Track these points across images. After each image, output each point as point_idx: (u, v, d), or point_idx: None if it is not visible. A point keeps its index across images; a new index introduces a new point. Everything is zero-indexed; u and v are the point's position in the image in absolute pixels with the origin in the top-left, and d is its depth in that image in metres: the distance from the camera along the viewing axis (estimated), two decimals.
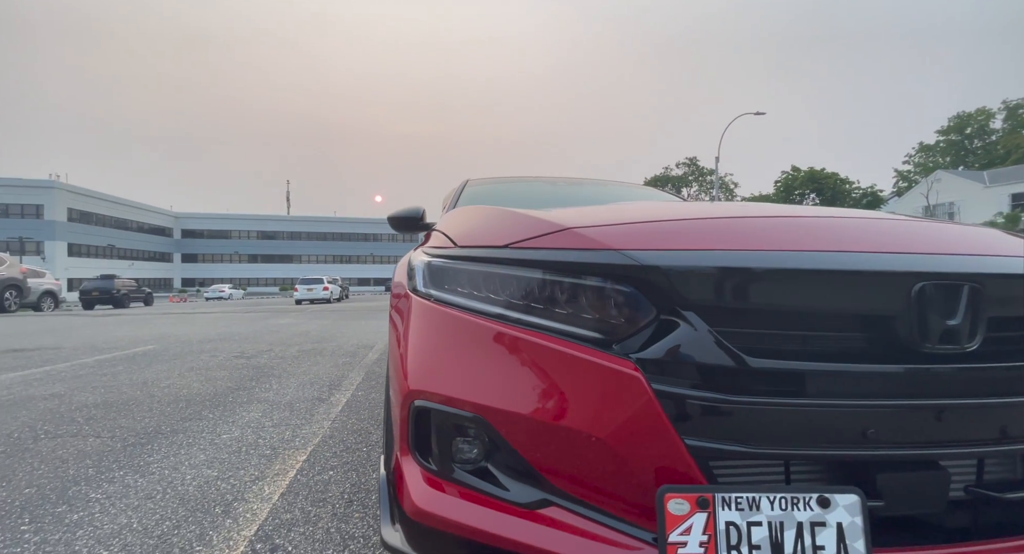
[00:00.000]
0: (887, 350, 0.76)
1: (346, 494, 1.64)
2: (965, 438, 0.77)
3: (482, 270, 0.97)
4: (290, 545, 1.32)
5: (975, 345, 0.76)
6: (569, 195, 2.50)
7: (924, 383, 0.76)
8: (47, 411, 2.69)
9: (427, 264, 1.09)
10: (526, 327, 0.87)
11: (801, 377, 0.75)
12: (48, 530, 1.41)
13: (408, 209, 2.31)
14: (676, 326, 0.78)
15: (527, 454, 0.82)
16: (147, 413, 2.65)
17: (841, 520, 0.70)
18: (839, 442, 0.75)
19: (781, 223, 0.95)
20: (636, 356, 0.78)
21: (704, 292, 0.78)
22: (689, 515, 0.70)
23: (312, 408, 2.78)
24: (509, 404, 0.82)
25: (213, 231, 68.38)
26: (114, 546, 1.32)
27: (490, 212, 1.21)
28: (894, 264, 0.77)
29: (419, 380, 0.92)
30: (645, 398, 0.75)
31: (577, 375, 0.80)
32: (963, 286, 0.76)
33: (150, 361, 4.43)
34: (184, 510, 1.53)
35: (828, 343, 0.78)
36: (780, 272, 0.77)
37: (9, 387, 3.32)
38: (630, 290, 0.81)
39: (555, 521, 0.80)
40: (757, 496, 0.71)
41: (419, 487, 0.89)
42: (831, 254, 0.79)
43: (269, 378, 3.64)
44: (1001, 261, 0.82)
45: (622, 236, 0.87)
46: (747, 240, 0.84)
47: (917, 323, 0.75)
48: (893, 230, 0.93)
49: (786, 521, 0.70)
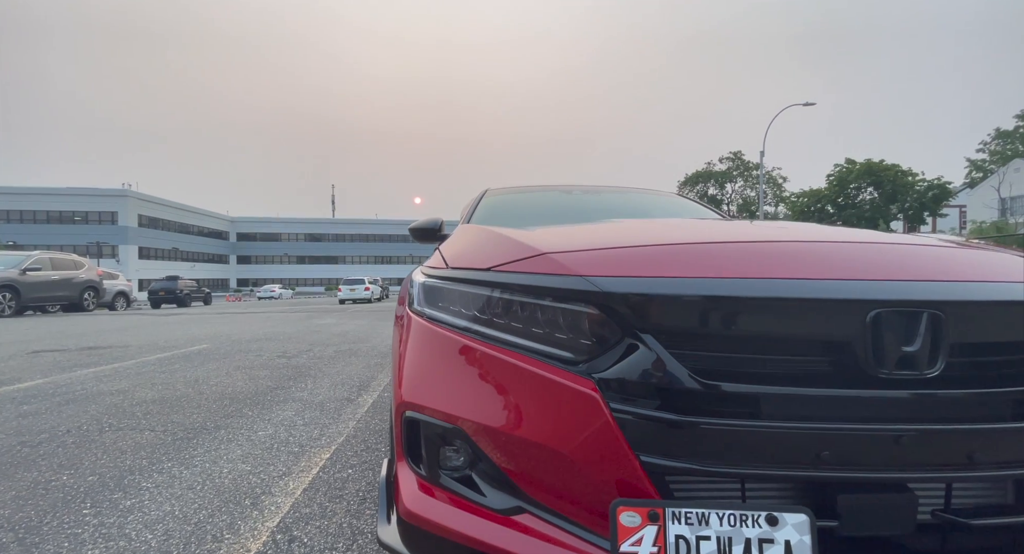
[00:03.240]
0: (843, 376, 0.78)
1: (361, 492, 1.76)
2: (926, 463, 0.77)
3: (467, 291, 1.04)
4: (306, 537, 1.45)
5: (936, 371, 0.76)
6: (581, 206, 2.53)
7: (879, 408, 0.76)
8: (112, 406, 3.00)
9: (422, 284, 1.17)
10: (502, 346, 0.94)
11: (754, 399, 0.78)
12: (105, 514, 1.60)
13: (427, 220, 2.42)
14: (636, 348, 0.82)
15: (502, 464, 0.88)
16: (196, 409, 2.91)
17: (789, 538, 0.72)
18: (792, 463, 0.77)
19: (743, 250, 0.97)
20: (598, 376, 0.83)
21: (661, 317, 0.82)
22: (640, 527, 0.75)
23: (340, 408, 2.95)
24: (484, 417, 0.89)
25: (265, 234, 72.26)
26: (158, 530, 1.49)
27: (482, 234, 1.28)
28: (848, 292, 0.78)
29: (410, 392, 1.01)
30: (602, 417, 0.80)
31: (542, 392, 0.86)
32: (922, 313, 0.76)
33: (203, 360, 4.80)
34: (219, 500, 1.69)
35: (783, 367, 0.80)
36: (734, 300, 0.80)
37: (83, 383, 3.71)
38: (596, 313, 0.86)
39: (527, 527, 0.86)
40: (707, 512, 0.74)
41: (412, 491, 0.97)
42: (785, 281, 0.81)
43: (305, 378, 3.87)
44: (966, 287, 0.81)
45: (589, 262, 0.92)
46: (706, 267, 0.87)
47: (872, 349, 0.76)
48: (857, 254, 0.93)
49: (734, 537, 0.73)
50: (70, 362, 4.69)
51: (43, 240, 44.68)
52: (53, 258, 13.26)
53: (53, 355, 5.16)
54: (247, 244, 71.68)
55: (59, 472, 1.95)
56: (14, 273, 11.78)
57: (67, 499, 1.71)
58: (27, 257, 12.51)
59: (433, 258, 1.30)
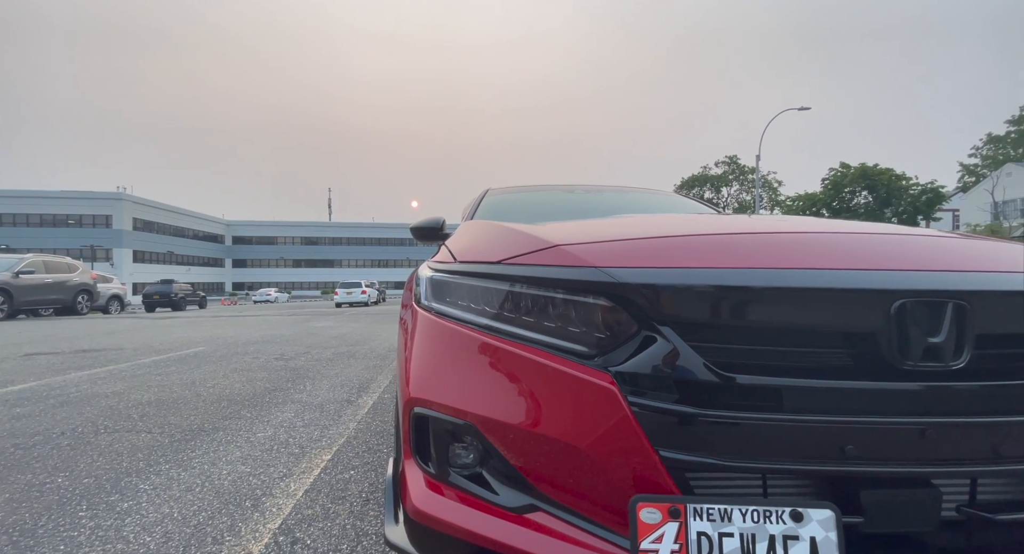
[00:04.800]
0: (866, 367, 0.76)
1: (364, 493, 1.73)
2: (951, 457, 0.75)
3: (477, 284, 1.02)
4: (309, 538, 1.42)
5: (961, 363, 0.74)
6: (583, 205, 2.52)
7: (904, 401, 0.75)
8: (108, 408, 2.95)
9: (430, 278, 1.15)
10: (515, 339, 0.91)
11: (776, 392, 0.76)
12: (102, 516, 1.56)
13: (429, 219, 2.39)
14: (654, 341, 0.80)
15: (514, 461, 0.86)
16: (193, 411, 2.87)
17: (815, 535, 0.70)
18: (815, 457, 0.75)
19: (762, 240, 0.95)
20: (615, 369, 0.81)
21: (679, 309, 0.80)
22: (661, 524, 0.73)
23: (340, 410, 2.92)
24: (496, 413, 0.87)
25: (261, 238, 71.95)
26: (156, 533, 1.46)
27: (490, 228, 1.26)
28: (872, 282, 0.77)
29: (418, 388, 0.99)
30: (620, 410, 0.78)
31: (558, 387, 0.84)
32: (947, 304, 0.75)
33: (199, 362, 4.75)
34: (219, 502, 1.66)
35: (804, 359, 0.78)
36: (755, 290, 0.78)
37: (78, 385, 3.65)
38: (611, 306, 0.84)
39: (541, 526, 0.84)
40: (729, 508, 0.72)
41: (420, 490, 0.94)
42: (807, 271, 0.80)
43: (304, 380, 3.83)
44: (991, 277, 0.80)
45: (604, 253, 0.90)
46: (725, 258, 0.85)
47: (897, 341, 0.74)
48: (879, 245, 0.92)
49: (758, 533, 0.71)
50: (64, 365, 4.62)
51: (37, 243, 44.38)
52: (47, 261, 13.15)
53: (47, 358, 5.09)
54: (243, 247, 71.33)
55: (54, 474, 1.91)
56: (7, 276, 11.66)
57: (63, 501, 1.67)
58: (20, 260, 12.40)
59: (440, 253, 1.28)
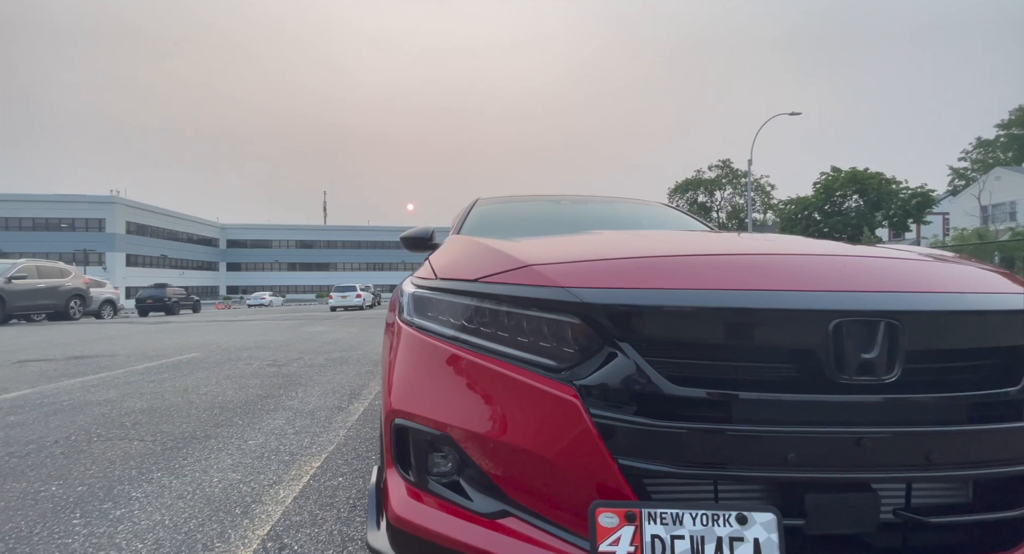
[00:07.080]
0: (807, 381, 0.83)
1: (351, 499, 1.78)
2: (887, 464, 0.82)
3: (455, 301, 1.08)
4: (296, 544, 1.46)
5: (894, 377, 0.81)
6: (568, 217, 2.59)
7: (841, 412, 0.81)
8: (101, 416, 2.98)
9: (412, 294, 1.21)
10: (488, 354, 0.97)
11: (726, 404, 0.83)
12: (95, 524, 1.60)
13: (418, 229, 2.46)
14: (615, 356, 0.87)
15: (488, 469, 0.92)
16: (185, 419, 2.90)
17: (758, 536, 0.77)
18: (761, 465, 0.81)
19: (717, 262, 1.02)
20: (579, 383, 0.87)
21: (638, 326, 0.87)
22: (618, 528, 0.79)
23: (331, 416, 2.96)
24: (471, 424, 0.93)
25: (255, 241, 71.67)
26: (148, 540, 1.50)
27: (470, 246, 1.32)
28: (812, 302, 0.83)
29: (399, 400, 1.04)
30: (582, 422, 0.84)
31: (526, 400, 0.90)
32: (880, 322, 0.81)
33: (192, 369, 4.77)
34: (209, 510, 1.70)
35: (752, 374, 0.85)
36: (706, 310, 0.85)
37: (70, 392, 3.67)
38: (577, 323, 0.90)
39: (511, 530, 0.89)
40: (680, 512, 0.78)
41: (401, 497, 1.00)
42: (754, 293, 0.86)
43: (296, 387, 3.87)
44: (921, 297, 0.87)
45: (571, 274, 0.96)
46: (681, 279, 0.92)
47: (834, 357, 0.81)
48: (822, 266, 0.99)
49: (707, 535, 0.77)
50: (57, 372, 4.63)
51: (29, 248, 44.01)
52: (39, 266, 13.08)
53: (39, 365, 5.10)
54: (237, 251, 71.05)
55: (48, 482, 1.95)
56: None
57: (56, 509, 1.71)
58: (12, 265, 12.34)
59: (423, 269, 1.34)
